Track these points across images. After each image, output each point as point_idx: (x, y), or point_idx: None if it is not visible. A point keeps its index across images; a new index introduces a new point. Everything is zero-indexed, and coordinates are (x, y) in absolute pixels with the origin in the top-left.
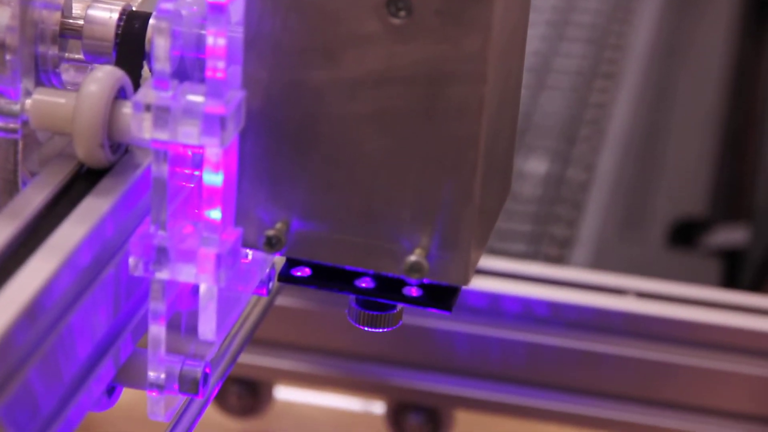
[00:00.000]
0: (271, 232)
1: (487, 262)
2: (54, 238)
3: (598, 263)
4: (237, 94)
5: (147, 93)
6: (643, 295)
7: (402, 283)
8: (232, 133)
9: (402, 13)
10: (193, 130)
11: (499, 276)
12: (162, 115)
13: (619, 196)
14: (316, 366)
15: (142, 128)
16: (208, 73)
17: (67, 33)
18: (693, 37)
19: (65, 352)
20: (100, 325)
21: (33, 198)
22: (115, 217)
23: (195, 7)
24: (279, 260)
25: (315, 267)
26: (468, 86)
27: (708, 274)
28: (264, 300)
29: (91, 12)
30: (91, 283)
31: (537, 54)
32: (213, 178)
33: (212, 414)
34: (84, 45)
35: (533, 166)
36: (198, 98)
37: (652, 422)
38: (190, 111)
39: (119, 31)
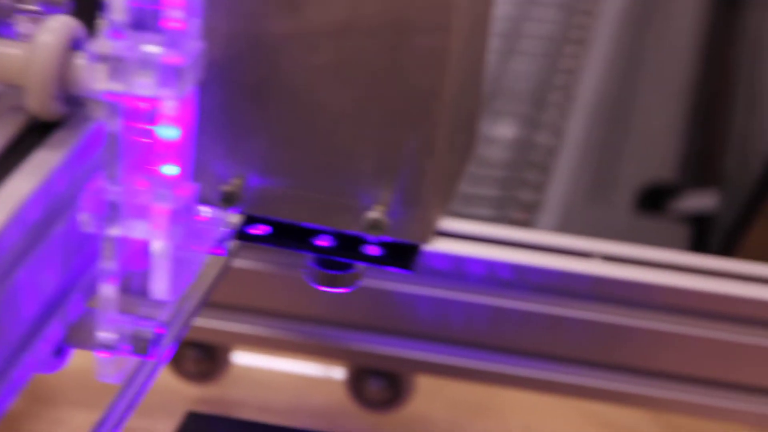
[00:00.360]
0: (227, 188)
1: (451, 224)
2: (1, 191)
3: (566, 228)
4: (195, 45)
5: (102, 43)
6: (609, 258)
7: (362, 241)
8: (189, 85)
9: None
10: (149, 82)
11: (463, 238)
12: (117, 65)
13: (587, 161)
14: (275, 330)
15: (96, 79)
16: (166, 24)
17: None
18: (664, 3)
19: (10, 311)
20: (48, 283)
21: None
22: (67, 172)
23: None
24: (239, 219)
25: (273, 225)
26: (432, 36)
27: (677, 239)
28: (221, 260)
29: None
30: (40, 239)
31: (507, 19)
32: (168, 132)
33: (168, 379)
34: None
35: (502, 130)
36: (155, 49)
37: (617, 387)
38: (146, 62)
39: None
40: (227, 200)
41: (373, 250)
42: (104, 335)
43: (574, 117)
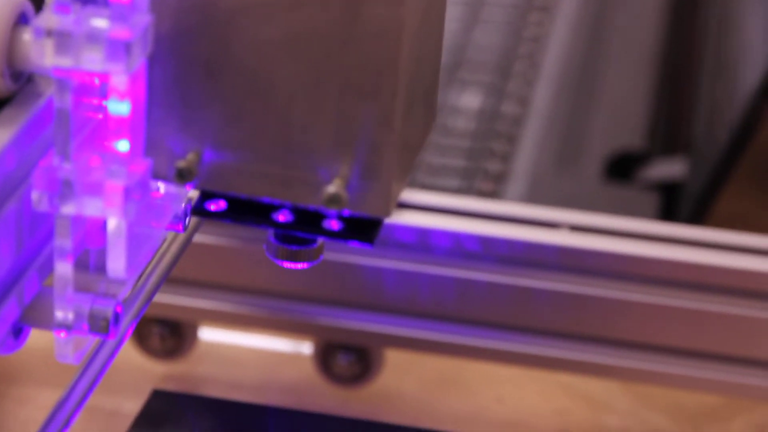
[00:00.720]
0: (182, 163)
1: (415, 196)
2: None
3: (533, 198)
4: (143, 18)
5: (48, 18)
6: (577, 228)
7: (322, 216)
8: (138, 59)
9: None
10: (97, 56)
11: (428, 210)
12: (64, 40)
13: (554, 130)
14: (241, 306)
15: (43, 55)
16: None
17: None
18: None
19: None
20: (2, 262)
21: None
22: (17, 149)
23: None
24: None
25: (231, 200)
26: (386, 6)
27: (645, 207)
28: (181, 237)
29: None
30: None
31: None
32: (119, 108)
33: (134, 356)
34: None
35: (467, 100)
36: (102, 23)
37: (588, 358)
38: (93, 36)
39: None
40: (182, 176)
41: (333, 225)
42: (61, 314)
43: (540, 86)
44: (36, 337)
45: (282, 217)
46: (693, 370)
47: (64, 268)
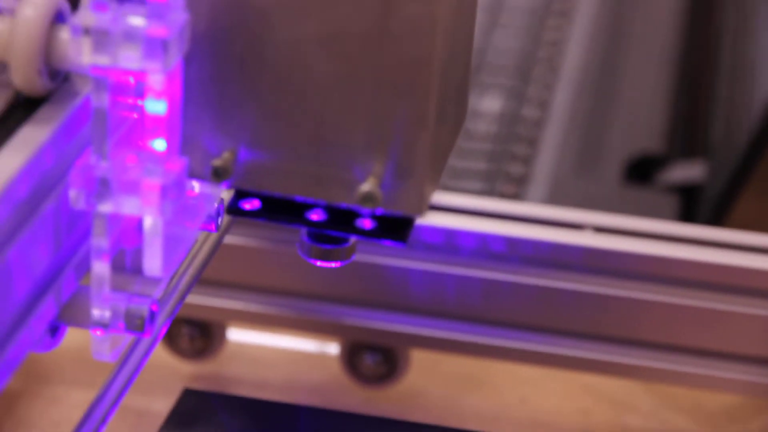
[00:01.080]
0: (217, 162)
1: (441, 198)
2: None
3: (554, 200)
4: (180, 16)
5: (86, 16)
6: (600, 229)
7: (355, 214)
8: (175, 57)
9: None
10: (134, 54)
11: (454, 212)
12: (102, 38)
13: (574, 133)
14: (269, 306)
15: (81, 53)
16: None
17: None
18: None
19: (3, 288)
20: (40, 261)
21: None
22: (55, 148)
23: None
24: (229, 195)
25: (265, 199)
26: (421, 4)
27: (665, 210)
28: (213, 236)
29: None
30: (30, 217)
31: None
32: (156, 107)
33: (163, 356)
34: None
35: (488, 104)
36: (139, 21)
37: (610, 359)
38: (130, 34)
39: None
40: (218, 174)
41: (366, 224)
42: (98, 313)
43: (560, 89)
44: (66, 337)
45: (315, 216)
46: (714, 370)
47: (101, 268)
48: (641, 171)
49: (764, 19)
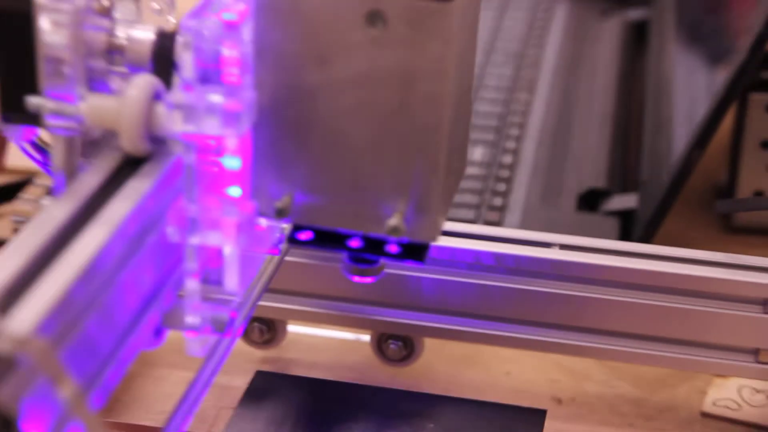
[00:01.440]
0: (279, 204)
1: (446, 225)
2: (105, 212)
3: (526, 224)
4: (249, 94)
5: (177, 94)
6: (564, 246)
7: (384, 242)
8: (246, 125)
9: (379, 25)
10: (214, 123)
11: (454, 236)
12: (189, 112)
13: (539, 174)
14: (318, 307)
15: (174, 122)
16: (226, 79)
17: (113, 50)
18: (589, 56)
19: (118, 303)
20: (146, 281)
21: (88, 181)
22: (155, 196)
23: (213, 25)
24: (289, 228)
25: (315, 231)
26: (433, 83)
27: (609, 231)
28: (276, 258)
29: (132, 33)
30: (137, 248)
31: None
32: (232, 163)
33: (241, 345)
34: (126, 59)
35: (475, 154)
36: (218, 98)
37: (572, 342)
38: (211, 108)
39: (155, 48)
40: (279, 213)
41: (392, 248)
42: (191, 319)
43: (527, 142)
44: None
45: (354, 243)
46: (648, 349)
47: (192, 285)
48: (590, 202)
49: (678, 85)
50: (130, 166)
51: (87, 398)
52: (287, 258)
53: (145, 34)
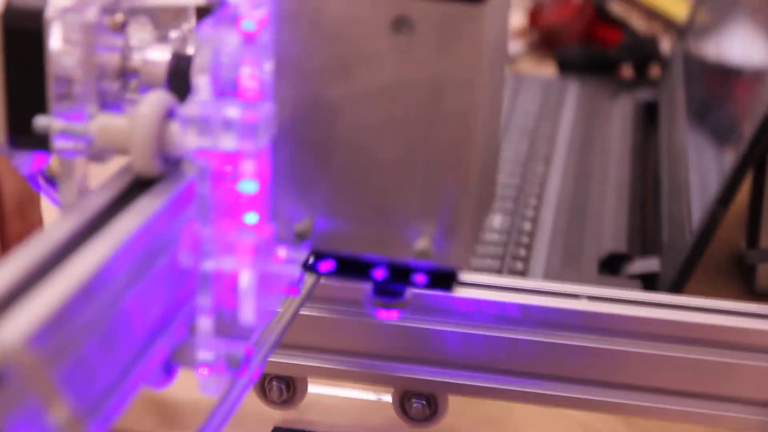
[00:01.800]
0: (299, 227)
1: (469, 277)
2: (110, 228)
3: None
4: (268, 107)
5: (191, 107)
6: (592, 297)
7: (410, 270)
8: (264, 140)
9: (406, 31)
10: (231, 137)
11: (480, 287)
12: (204, 126)
13: (558, 240)
14: (339, 364)
15: (188, 138)
16: (243, 93)
17: (127, 72)
18: (601, 131)
19: (123, 329)
20: (155, 308)
21: (95, 199)
22: (166, 216)
23: (231, 39)
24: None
25: (338, 260)
26: (463, 93)
27: None
28: (295, 302)
29: (147, 55)
30: (146, 271)
31: None
32: (249, 186)
33: (259, 405)
34: (141, 81)
35: (496, 221)
36: (235, 111)
37: (605, 398)
38: (228, 122)
39: (170, 69)
40: (299, 237)
41: (419, 278)
42: (203, 354)
43: (545, 210)
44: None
45: (379, 273)
46: (678, 405)
47: (205, 319)
48: (611, 266)
49: (693, 152)
50: (140, 186)
51: (84, 427)
52: (307, 313)
53: (160, 55)
